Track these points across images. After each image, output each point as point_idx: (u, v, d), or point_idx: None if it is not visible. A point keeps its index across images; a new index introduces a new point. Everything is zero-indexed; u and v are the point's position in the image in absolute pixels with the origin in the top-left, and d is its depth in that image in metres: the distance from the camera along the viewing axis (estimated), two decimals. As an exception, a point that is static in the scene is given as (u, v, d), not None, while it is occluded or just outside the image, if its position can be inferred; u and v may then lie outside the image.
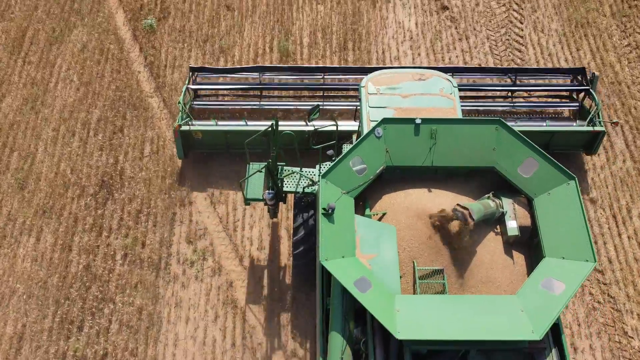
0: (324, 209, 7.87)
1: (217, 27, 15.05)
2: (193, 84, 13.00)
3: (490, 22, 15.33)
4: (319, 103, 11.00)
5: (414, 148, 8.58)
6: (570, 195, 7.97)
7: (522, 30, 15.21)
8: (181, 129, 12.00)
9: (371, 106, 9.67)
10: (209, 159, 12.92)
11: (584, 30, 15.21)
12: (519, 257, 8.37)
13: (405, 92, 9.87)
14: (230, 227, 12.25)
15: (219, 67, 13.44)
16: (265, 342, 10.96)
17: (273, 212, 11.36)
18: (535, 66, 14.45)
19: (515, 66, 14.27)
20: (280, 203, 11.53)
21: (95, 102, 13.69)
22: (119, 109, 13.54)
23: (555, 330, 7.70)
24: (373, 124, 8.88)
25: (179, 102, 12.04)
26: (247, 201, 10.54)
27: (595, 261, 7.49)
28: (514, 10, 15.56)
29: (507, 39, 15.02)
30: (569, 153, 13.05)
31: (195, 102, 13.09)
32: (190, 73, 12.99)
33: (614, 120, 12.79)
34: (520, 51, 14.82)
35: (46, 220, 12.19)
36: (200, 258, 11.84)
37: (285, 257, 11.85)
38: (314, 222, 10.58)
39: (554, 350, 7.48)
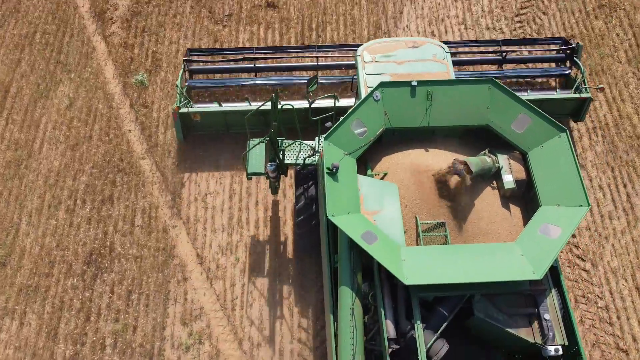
0: (328, 168, 8.18)
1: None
2: (190, 66, 13.28)
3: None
4: (317, 74, 11.54)
5: (411, 110, 8.93)
6: (562, 147, 8.40)
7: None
8: (180, 111, 12.13)
9: (368, 73, 10.02)
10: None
11: (599, 79, 14.43)
12: (516, 210, 8.77)
13: (400, 58, 10.22)
14: (229, 305, 11.43)
15: (215, 48, 13.64)
16: None
17: (274, 187, 11.35)
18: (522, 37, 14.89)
19: (504, 38, 14.57)
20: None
21: (82, 167, 12.85)
22: (108, 176, 12.70)
23: (554, 274, 8.13)
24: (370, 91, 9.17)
25: (177, 85, 12.28)
26: (249, 176, 10.84)
27: (589, 205, 7.88)
28: (524, 57, 14.77)
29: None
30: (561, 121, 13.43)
31: (191, 82, 13.28)
32: (188, 55, 13.20)
33: (600, 86, 13.49)
34: (532, 103, 14.05)
35: (30, 301, 11.36)
36: (196, 342, 11.02)
37: (288, 333, 11.06)
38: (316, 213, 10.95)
39: (553, 291, 7.93)
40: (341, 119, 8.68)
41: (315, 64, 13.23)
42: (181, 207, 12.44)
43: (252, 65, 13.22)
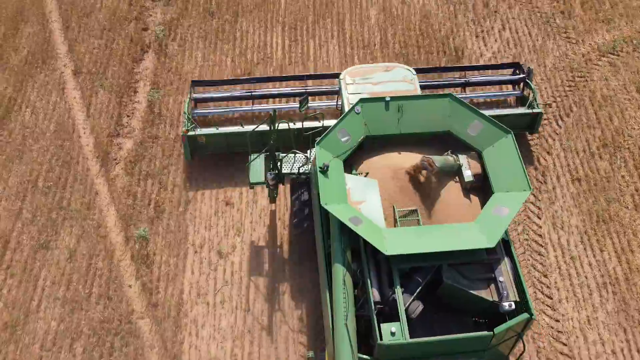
0: (320, 167, 10.03)
1: (215, 228, 14.06)
2: (195, 95, 15.17)
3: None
4: (307, 96, 12.74)
5: (386, 120, 11.01)
6: (508, 145, 10.53)
7: (541, 227, 14.22)
8: (188, 134, 13.97)
9: (350, 93, 12.24)
10: None
11: (607, 227, 14.24)
12: (475, 199, 10.69)
13: (376, 80, 12.41)
14: None
15: (216, 80, 15.69)
16: None
17: (273, 196, 13.11)
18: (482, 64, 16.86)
19: (465, 64, 16.81)
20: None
21: (79, 332, 12.48)
22: (105, 344, 12.32)
23: (507, 247, 10.09)
24: None
25: (184, 112, 14.23)
26: (251, 185, 12.81)
27: (530, 189, 10.02)
28: (530, 202, 14.62)
29: (526, 239, 14.00)
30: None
31: (196, 112, 15.14)
32: (192, 86, 15.09)
33: (547, 102, 16.10)
34: (540, 254, 13.77)
35: None
36: None
37: None
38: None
39: (506, 259, 9.85)
40: (329, 128, 10.64)
41: (305, 91, 15.22)
42: (181, 377, 12.05)
43: (250, 95, 15.31)
